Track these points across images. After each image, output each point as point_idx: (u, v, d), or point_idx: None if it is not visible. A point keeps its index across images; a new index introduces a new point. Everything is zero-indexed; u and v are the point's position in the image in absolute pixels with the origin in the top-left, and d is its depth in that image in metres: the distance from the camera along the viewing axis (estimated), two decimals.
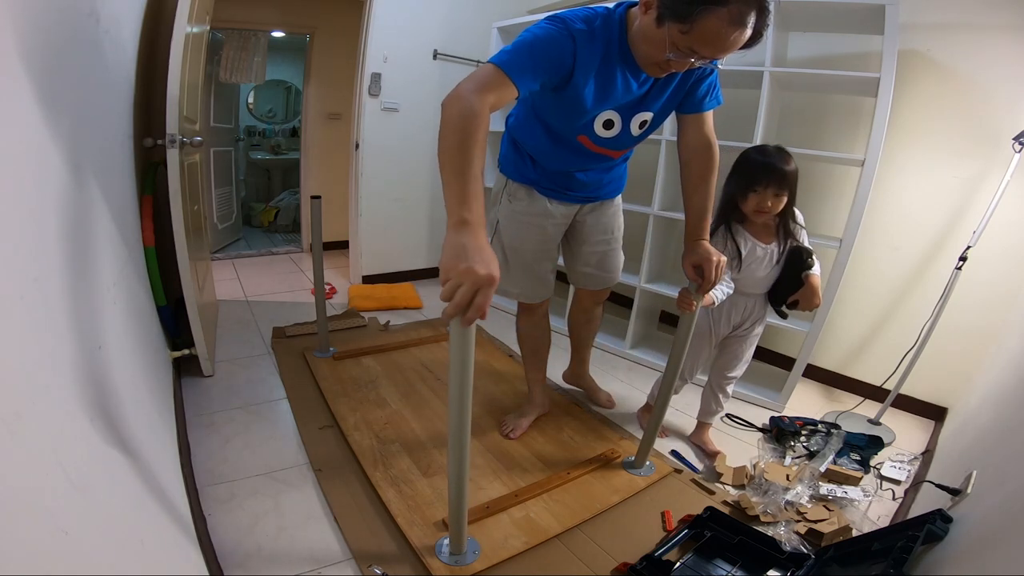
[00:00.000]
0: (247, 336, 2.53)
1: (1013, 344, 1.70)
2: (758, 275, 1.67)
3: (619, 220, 1.74)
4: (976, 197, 2.04)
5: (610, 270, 1.77)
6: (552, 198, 1.57)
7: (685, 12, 0.98)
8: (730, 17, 0.96)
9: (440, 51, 3.23)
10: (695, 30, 0.99)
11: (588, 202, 1.64)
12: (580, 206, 1.64)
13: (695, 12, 0.97)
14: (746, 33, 0.99)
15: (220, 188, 3.90)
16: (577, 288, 1.89)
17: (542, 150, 1.48)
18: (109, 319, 1.04)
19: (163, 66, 1.71)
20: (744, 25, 0.97)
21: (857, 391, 2.36)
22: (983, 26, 1.97)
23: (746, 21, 0.97)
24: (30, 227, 0.65)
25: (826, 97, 2.38)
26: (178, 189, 1.76)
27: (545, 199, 1.57)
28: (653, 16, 1.05)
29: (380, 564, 1.27)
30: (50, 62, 0.82)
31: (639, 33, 1.12)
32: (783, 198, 1.58)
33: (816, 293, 1.61)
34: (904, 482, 1.76)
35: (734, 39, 0.99)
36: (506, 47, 1.11)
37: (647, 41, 1.10)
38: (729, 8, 0.95)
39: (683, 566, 1.32)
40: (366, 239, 3.36)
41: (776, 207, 1.58)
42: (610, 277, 1.79)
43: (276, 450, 1.69)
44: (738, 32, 0.98)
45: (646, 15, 1.08)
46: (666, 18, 1.02)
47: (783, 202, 1.58)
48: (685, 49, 1.03)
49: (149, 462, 1.04)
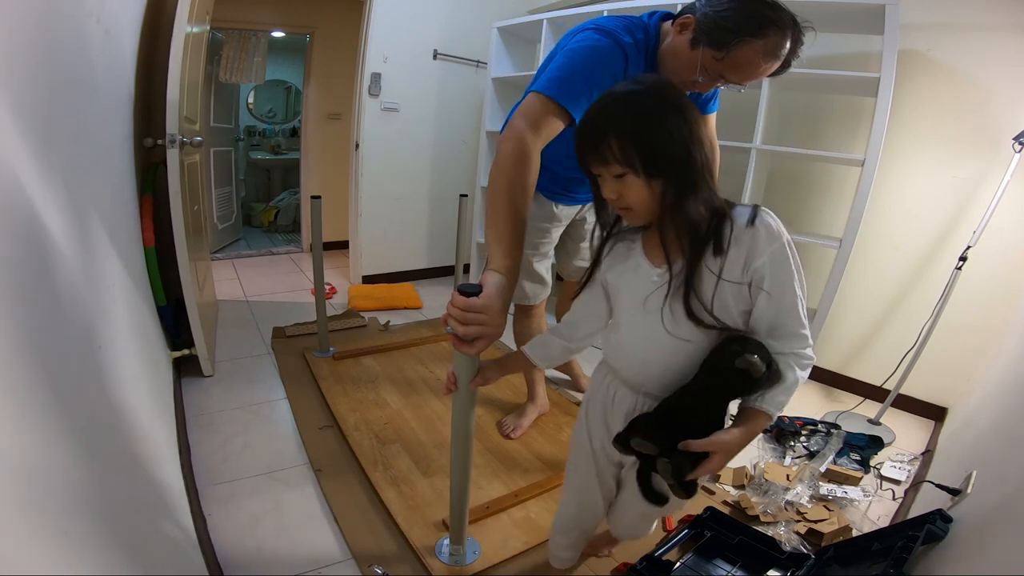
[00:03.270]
0: (247, 336, 2.52)
1: (1013, 344, 1.70)
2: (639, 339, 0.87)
3: None
4: (976, 197, 2.03)
5: None
6: (558, 201, 1.56)
7: (722, 41, 0.99)
8: (765, 49, 0.97)
9: (440, 51, 3.22)
10: (729, 58, 1.00)
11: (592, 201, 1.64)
12: (581, 206, 1.64)
13: (732, 42, 0.98)
14: (777, 64, 1.00)
15: (220, 188, 3.90)
16: (568, 280, 1.90)
17: (557, 157, 1.47)
18: (109, 319, 1.04)
19: (163, 66, 1.71)
20: (777, 57, 0.99)
21: (857, 391, 2.36)
22: (983, 26, 1.97)
23: (780, 53, 0.98)
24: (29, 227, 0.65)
25: (826, 97, 2.38)
26: (178, 189, 1.76)
27: (552, 203, 1.56)
28: (688, 37, 1.05)
29: (380, 564, 1.27)
30: (50, 62, 0.82)
31: (670, 50, 1.11)
32: (629, 178, 0.76)
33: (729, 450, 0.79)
34: (904, 482, 1.76)
35: (765, 69, 1.00)
36: (552, 67, 1.07)
37: (678, 60, 1.09)
38: (766, 41, 0.96)
39: (683, 566, 1.32)
40: (366, 239, 3.36)
41: (623, 197, 0.78)
42: None
43: (276, 450, 1.69)
44: (771, 63, 0.99)
45: (680, 35, 1.07)
46: (701, 42, 1.02)
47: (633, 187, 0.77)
48: (715, 74, 1.04)
49: (149, 462, 1.04)
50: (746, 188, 2.18)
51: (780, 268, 0.78)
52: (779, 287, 0.78)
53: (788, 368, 0.79)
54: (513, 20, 2.94)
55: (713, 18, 0.99)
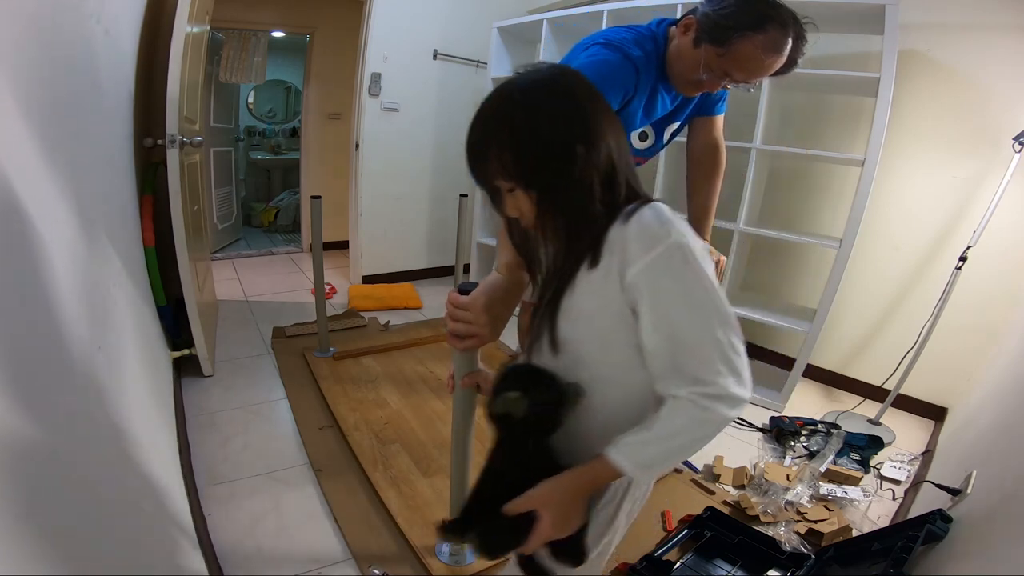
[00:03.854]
0: (247, 336, 2.52)
1: (1013, 344, 1.70)
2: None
3: None
4: (976, 197, 2.04)
5: None
6: None
7: (722, 37, 1.00)
8: (765, 44, 0.98)
9: (440, 51, 3.22)
10: (730, 54, 1.01)
11: None
12: None
13: (732, 37, 0.99)
14: (780, 60, 1.01)
15: (220, 188, 3.90)
16: None
17: None
18: (109, 319, 1.04)
19: (163, 66, 1.71)
20: (779, 53, 0.99)
21: (857, 391, 2.36)
22: (983, 26, 1.97)
23: (781, 49, 0.99)
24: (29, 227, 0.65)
25: (826, 97, 2.38)
26: (178, 189, 1.76)
27: None
28: (691, 37, 1.07)
29: (380, 564, 1.27)
30: (50, 62, 0.82)
31: (675, 52, 1.13)
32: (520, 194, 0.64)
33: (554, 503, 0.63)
34: (904, 482, 1.76)
35: (768, 65, 1.01)
36: None
37: (682, 60, 1.11)
38: (765, 36, 0.97)
39: (683, 566, 1.32)
40: (366, 239, 3.36)
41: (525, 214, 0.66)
42: None
43: (276, 450, 1.69)
44: (774, 58, 1.00)
45: (684, 36, 1.09)
46: (703, 40, 1.04)
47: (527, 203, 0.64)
48: (719, 71, 1.05)
49: (149, 462, 1.04)
50: (746, 188, 2.18)
51: (662, 284, 0.57)
52: (661, 311, 0.57)
53: (678, 411, 0.57)
54: (513, 20, 2.94)
55: (714, 17, 1.01)
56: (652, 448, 0.59)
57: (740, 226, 2.21)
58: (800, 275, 2.52)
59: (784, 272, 2.57)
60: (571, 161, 0.59)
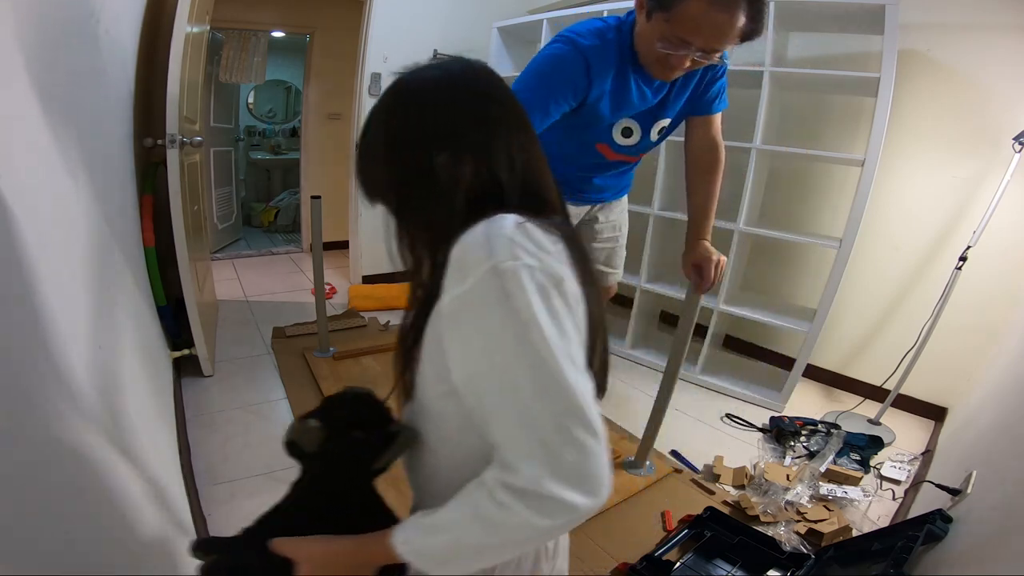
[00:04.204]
0: (247, 336, 2.52)
1: (1013, 344, 1.70)
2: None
3: (626, 217, 1.75)
4: (976, 197, 2.03)
5: (616, 267, 1.78)
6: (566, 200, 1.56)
7: (667, 2, 0.99)
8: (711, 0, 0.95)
9: (440, 51, 3.22)
10: (676, 17, 0.99)
11: (600, 202, 1.64)
12: (591, 206, 1.64)
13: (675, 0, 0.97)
14: (736, 19, 0.96)
15: (220, 188, 3.90)
16: None
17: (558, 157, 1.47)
18: (109, 319, 1.04)
19: (163, 66, 1.71)
20: (728, 10, 0.95)
21: (857, 391, 2.36)
22: (983, 26, 1.97)
23: (730, 5, 0.95)
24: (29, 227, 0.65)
25: (826, 97, 2.38)
26: (178, 189, 1.76)
27: None
28: (644, 12, 1.06)
29: None
30: (50, 62, 0.82)
31: (638, 34, 1.13)
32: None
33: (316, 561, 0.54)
34: (904, 482, 1.76)
35: (720, 24, 0.97)
36: (515, 81, 1.08)
37: (642, 40, 1.11)
38: None
39: (683, 566, 1.32)
40: (366, 239, 3.35)
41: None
42: (615, 274, 1.79)
43: (276, 450, 1.68)
44: (724, 16, 0.96)
45: (641, 15, 1.09)
46: (653, 11, 1.03)
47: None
48: (673, 39, 1.02)
49: (149, 462, 1.04)
50: (746, 188, 2.18)
51: (463, 321, 0.45)
52: (465, 362, 0.46)
53: (468, 497, 0.44)
54: (513, 20, 2.94)
55: None
56: (439, 539, 0.45)
57: (740, 226, 2.21)
58: (800, 275, 2.52)
59: (784, 272, 2.57)
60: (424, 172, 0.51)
